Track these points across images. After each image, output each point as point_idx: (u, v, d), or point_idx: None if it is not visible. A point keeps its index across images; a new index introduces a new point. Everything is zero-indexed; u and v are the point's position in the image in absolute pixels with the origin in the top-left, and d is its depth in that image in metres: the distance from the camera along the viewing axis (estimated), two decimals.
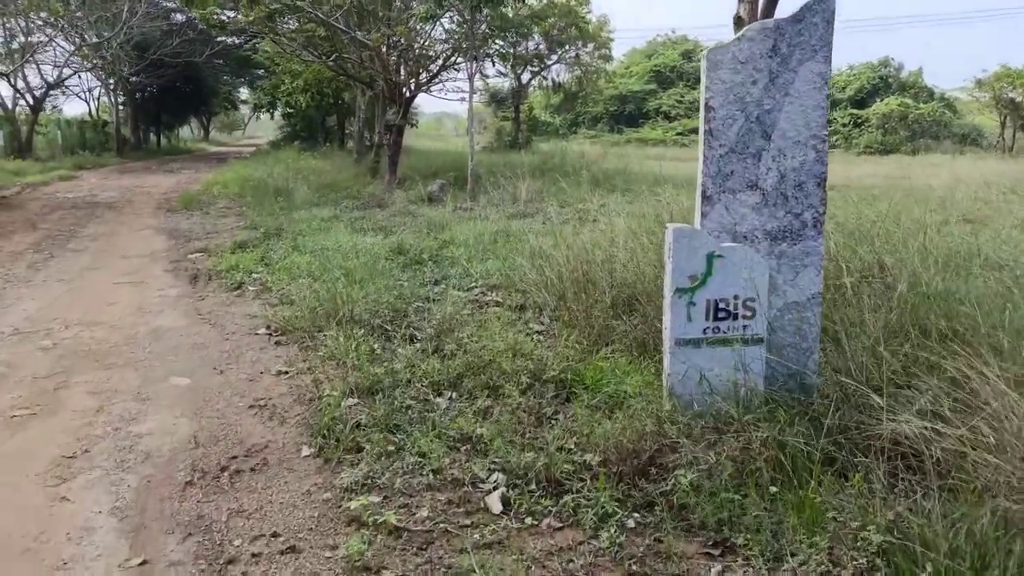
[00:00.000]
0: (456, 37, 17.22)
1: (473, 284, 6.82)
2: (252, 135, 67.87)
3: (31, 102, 27.40)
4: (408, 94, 17.18)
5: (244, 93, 46.72)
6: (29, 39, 26.36)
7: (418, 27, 16.81)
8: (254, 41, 26.59)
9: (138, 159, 29.98)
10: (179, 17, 30.30)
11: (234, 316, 6.01)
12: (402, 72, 17.36)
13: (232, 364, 4.82)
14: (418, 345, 4.96)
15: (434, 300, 6.15)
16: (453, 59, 17.74)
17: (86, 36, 26.85)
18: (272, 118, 39.57)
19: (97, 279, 7.56)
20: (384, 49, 15.71)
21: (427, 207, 12.39)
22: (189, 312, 6.18)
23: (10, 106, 26.38)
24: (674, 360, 3.73)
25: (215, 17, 19.54)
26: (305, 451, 3.48)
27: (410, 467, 3.23)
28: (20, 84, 26.72)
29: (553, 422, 3.69)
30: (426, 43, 17.44)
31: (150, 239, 10.22)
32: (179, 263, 8.37)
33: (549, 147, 29.54)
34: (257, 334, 5.49)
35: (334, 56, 17.00)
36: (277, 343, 5.25)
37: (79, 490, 3.13)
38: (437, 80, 18.39)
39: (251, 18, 16.23)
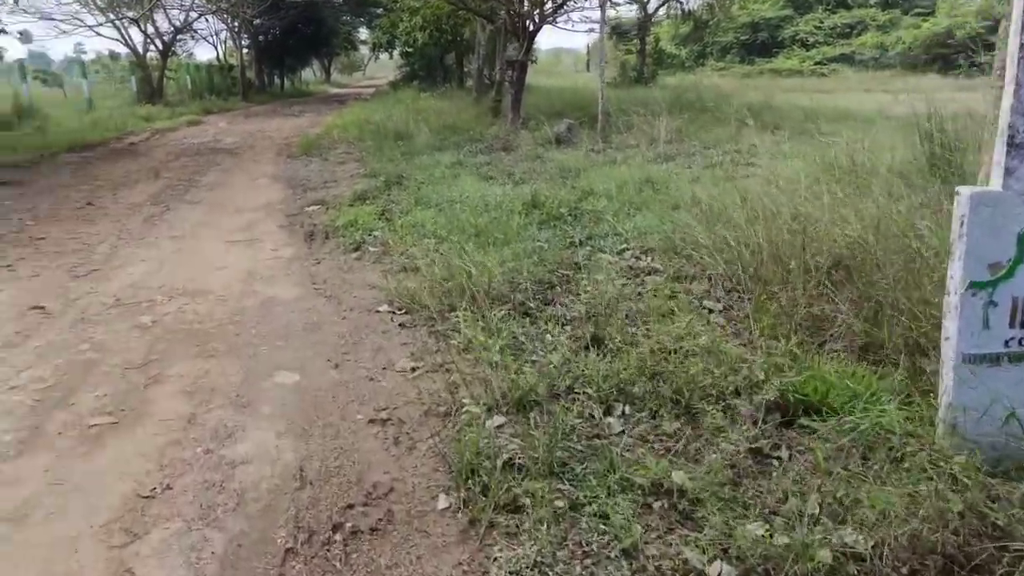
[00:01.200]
0: None
1: (624, 246, 5.76)
2: (372, 76, 67.92)
3: (160, 47, 27.78)
4: (531, 27, 15.91)
5: (363, 33, 46.37)
6: None
7: None
8: None
9: (262, 102, 30.10)
10: None
11: (352, 286, 5.21)
12: (525, 2, 16.08)
13: (349, 354, 3.99)
14: (568, 331, 4.00)
15: (581, 267, 5.16)
16: None
17: None
18: (391, 58, 39.08)
19: (209, 237, 6.97)
20: None
21: (556, 150, 11.30)
22: (303, 280, 5.44)
23: (141, 52, 26.82)
24: (961, 385, 2.59)
25: None
26: (443, 501, 2.59)
27: (592, 544, 2.27)
28: (150, 30, 27.10)
29: (778, 464, 2.65)
30: None
31: (267, 189, 9.65)
32: (295, 217, 7.70)
33: (676, 81, 27.55)
34: (378, 311, 4.65)
35: None
36: (401, 325, 4.39)
37: (149, 557, 2.34)
38: (562, 11, 17.00)
39: None
